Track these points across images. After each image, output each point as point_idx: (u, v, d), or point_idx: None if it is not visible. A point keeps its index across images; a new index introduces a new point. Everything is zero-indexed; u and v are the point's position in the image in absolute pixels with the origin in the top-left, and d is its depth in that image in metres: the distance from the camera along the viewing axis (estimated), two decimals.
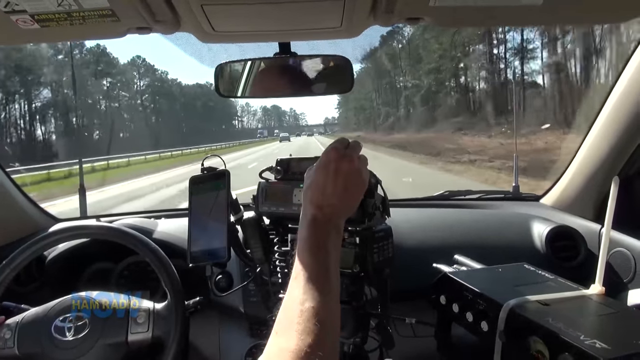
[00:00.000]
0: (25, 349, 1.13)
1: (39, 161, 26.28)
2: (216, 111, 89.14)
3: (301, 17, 0.92)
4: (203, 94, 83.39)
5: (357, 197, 0.88)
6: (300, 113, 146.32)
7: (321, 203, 0.82)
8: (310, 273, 0.73)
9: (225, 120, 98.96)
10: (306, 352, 0.63)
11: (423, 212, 1.86)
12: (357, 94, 65.93)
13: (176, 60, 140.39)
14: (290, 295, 0.72)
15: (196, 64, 43.07)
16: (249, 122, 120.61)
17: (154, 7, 0.80)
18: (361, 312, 1.12)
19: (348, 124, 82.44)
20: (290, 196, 1.16)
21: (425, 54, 41.77)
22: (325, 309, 0.70)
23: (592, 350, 0.73)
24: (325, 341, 0.66)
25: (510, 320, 0.88)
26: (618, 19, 0.99)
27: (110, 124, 55.76)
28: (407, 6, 0.83)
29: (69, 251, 1.55)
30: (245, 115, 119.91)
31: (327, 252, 0.77)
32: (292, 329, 0.66)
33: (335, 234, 0.81)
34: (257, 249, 1.23)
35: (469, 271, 1.17)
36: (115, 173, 20.47)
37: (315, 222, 0.80)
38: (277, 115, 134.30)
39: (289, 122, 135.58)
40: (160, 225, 1.67)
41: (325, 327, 0.67)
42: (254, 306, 1.42)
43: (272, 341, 0.68)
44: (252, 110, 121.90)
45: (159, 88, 73.69)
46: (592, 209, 1.59)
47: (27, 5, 0.76)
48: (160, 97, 73.13)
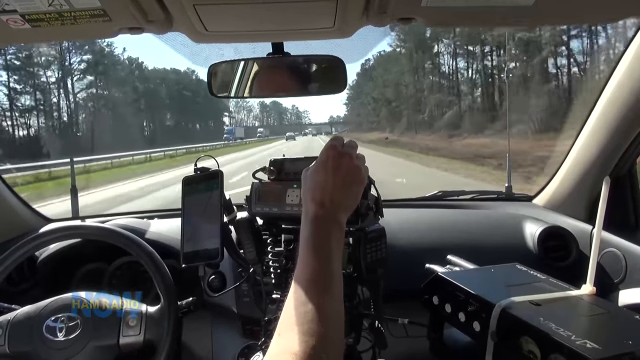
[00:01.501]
0: (16, 348, 1.13)
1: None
2: (199, 106, 72.12)
3: (294, 17, 0.92)
4: (179, 82, 68.29)
5: (357, 193, 0.87)
6: (303, 111, 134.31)
7: (322, 200, 0.81)
8: (312, 272, 0.73)
9: (211, 117, 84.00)
10: (309, 353, 0.62)
11: (416, 212, 1.87)
12: (377, 80, 55.67)
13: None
14: (292, 296, 0.72)
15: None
16: (244, 120, 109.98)
17: (146, 7, 0.80)
18: (354, 313, 1.12)
19: (362, 122, 69.45)
20: (284, 197, 1.15)
21: None
22: (328, 308, 0.69)
23: (582, 350, 0.73)
24: (328, 341, 0.65)
25: (502, 320, 0.88)
26: (608, 19, 1.00)
27: None
28: (399, 6, 0.83)
29: (60, 251, 1.54)
30: (240, 112, 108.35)
31: (330, 250, 0.77)
32: (295, 330, 0.65)
33: (338, 231, 0.80)
34: (250, 250, 1.23)
35: (462, 271, 1.18)
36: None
37: (316, 220, 0.80)
38: (278, 113, 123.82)
39: (291, 121, 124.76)
40: (152, 225, 1.66)
41: (329, 327, 0.67)
42: (246, 306, 1.42)
43: (275, 342, 0.67)
44: (247, 105, 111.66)
45: (104, 68, 51.87)
46: (583, 210, 1.60)
47: (17, 5, 0.75)
48: (105, 80, 51.96)
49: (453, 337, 1.12)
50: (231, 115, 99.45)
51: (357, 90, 75.60)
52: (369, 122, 63.09)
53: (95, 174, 18.77)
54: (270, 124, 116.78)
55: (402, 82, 48.11)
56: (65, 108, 47.64)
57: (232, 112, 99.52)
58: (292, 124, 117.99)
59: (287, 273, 1.13)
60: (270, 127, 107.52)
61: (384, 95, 53.00)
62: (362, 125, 67.70)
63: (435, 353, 1.16)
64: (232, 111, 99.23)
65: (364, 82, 69.39)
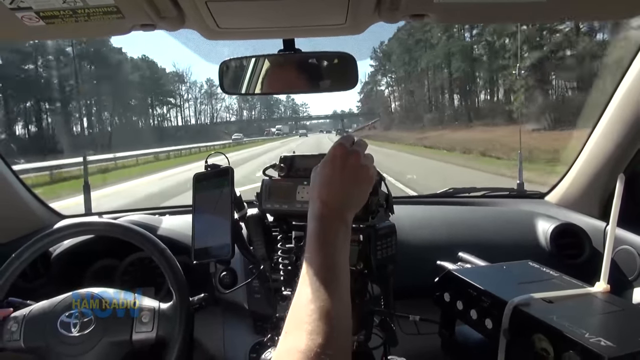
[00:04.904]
0: (31, 343, 1.14)
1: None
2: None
3: (305, 14, 0.92)
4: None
5: (364, 191, 0.87)
6: (301, 104, 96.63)
7: (328, 198, 0.81)
8: (318, 270, 0.73)
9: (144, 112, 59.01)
10: (316, 352, 0.62)
11: (427, 209, 1.86)
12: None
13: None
14: (299, 294, 0.72)
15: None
16: (217, 114, 76.39)
17: (158, 4, 0.80)
18: (365, 310, 1.12)
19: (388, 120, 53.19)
20: (294, 193, 1.16)
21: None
22: (334, 306, 0.69)
23: (596, 348, 0.72)
24: (335, 340, 0.65)
25: (514, 317, 0.88)
26: (623, 15, 0.99)
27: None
28: (411, 3, 0.83)
29: (73, 248, 1.56)
30: (205, 100, 72.80)
31: (336, 248, 0.77)
32: (302, 328, 0.65)
33: (344, 229, 0.80)
34: (260, 246, 1.23)
35: (473, 268, 1.17)
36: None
37: (322, 217, 0.80)
38: (267, 106, 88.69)
39: (284, 115, 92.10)
40: (164, 222, 1.67)
41: (335, 326, 0.67)
42: (258, 303, 1.43)
43: (282, 341, 0.67)
44: (219, 96, 73.85)
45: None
46: (597, 207, 1.58)
47: (32, 2, 0.76)
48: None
49: (465, 335, 1.12)
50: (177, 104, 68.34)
51: (374, 71, 60.71)
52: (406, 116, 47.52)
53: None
54: (256, 117, 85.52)
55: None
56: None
57: (185, 101, 69.72)
58: (286, 119, 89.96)
59: (297, 270, 1.12)
60: (256, 123, 79.08)
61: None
62: (394, 122, 51.37)
63: (447, 350, 1.16)
64: (185, 97, 69.70)
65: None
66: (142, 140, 43.76)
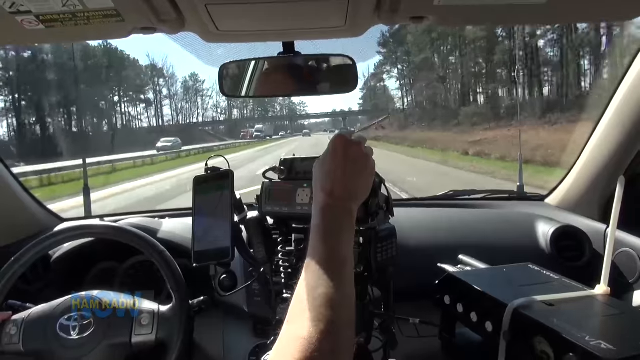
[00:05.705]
0: (30, 346, 1.14)
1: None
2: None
3: (305, 16, 0.92)
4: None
5: (367, 180, 0.86)
6: (299, 102, 75.19)
7: (331, 188, 0.80)
8: (322, 260, 0.72)
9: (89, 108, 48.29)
10: (318, 338, 0.62)
11: (427, 212, 1.86)
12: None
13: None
14: (302, 283, 0.71)
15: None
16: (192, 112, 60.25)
17: (158, 7, 0.80)
18: (365, 312, 1.11)
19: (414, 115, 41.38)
20: (294, 196, 1.16)
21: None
22: (338, 295, 0.68)
23: (597, 351, 0.72)
24: (338, 327, 0.65)
25: (514, 320, 0.88)
26: (623, 17, 0.99)
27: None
28: (411, 5, 0.83)
29: (74, 251, 1.56)
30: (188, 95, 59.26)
31: (340, 238, 0.76)
32: (305, 316, 0.65)
33: (349, 219, 0.80)
34: (260, 249, 1.23)
35: (474, 271, 1.17)
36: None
37: (326, 208, 0.79)
38: (261, 104, 69.93)
39: (279, 113, 73.39)
40: (164, 224, 1.67)
41: (339, 314, 0.66)
42: (258, 306, 1.42)
43: (285, 329, 0.67)
44: (203, 88, 61.20)
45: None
46: (597, 209, 1.58)
47: (32, 6, 0.76)
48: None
49: (465, 337, 1.11)
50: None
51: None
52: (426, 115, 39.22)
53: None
54: (249, 116, 69.32)
55: None
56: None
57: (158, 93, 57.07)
58: (282, 117, 75.35)
59: (297, 272, 1.13)
60: (248, 121, 64.30)
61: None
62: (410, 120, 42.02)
63: (447, 353, 1.16)
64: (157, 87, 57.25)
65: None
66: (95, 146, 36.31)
